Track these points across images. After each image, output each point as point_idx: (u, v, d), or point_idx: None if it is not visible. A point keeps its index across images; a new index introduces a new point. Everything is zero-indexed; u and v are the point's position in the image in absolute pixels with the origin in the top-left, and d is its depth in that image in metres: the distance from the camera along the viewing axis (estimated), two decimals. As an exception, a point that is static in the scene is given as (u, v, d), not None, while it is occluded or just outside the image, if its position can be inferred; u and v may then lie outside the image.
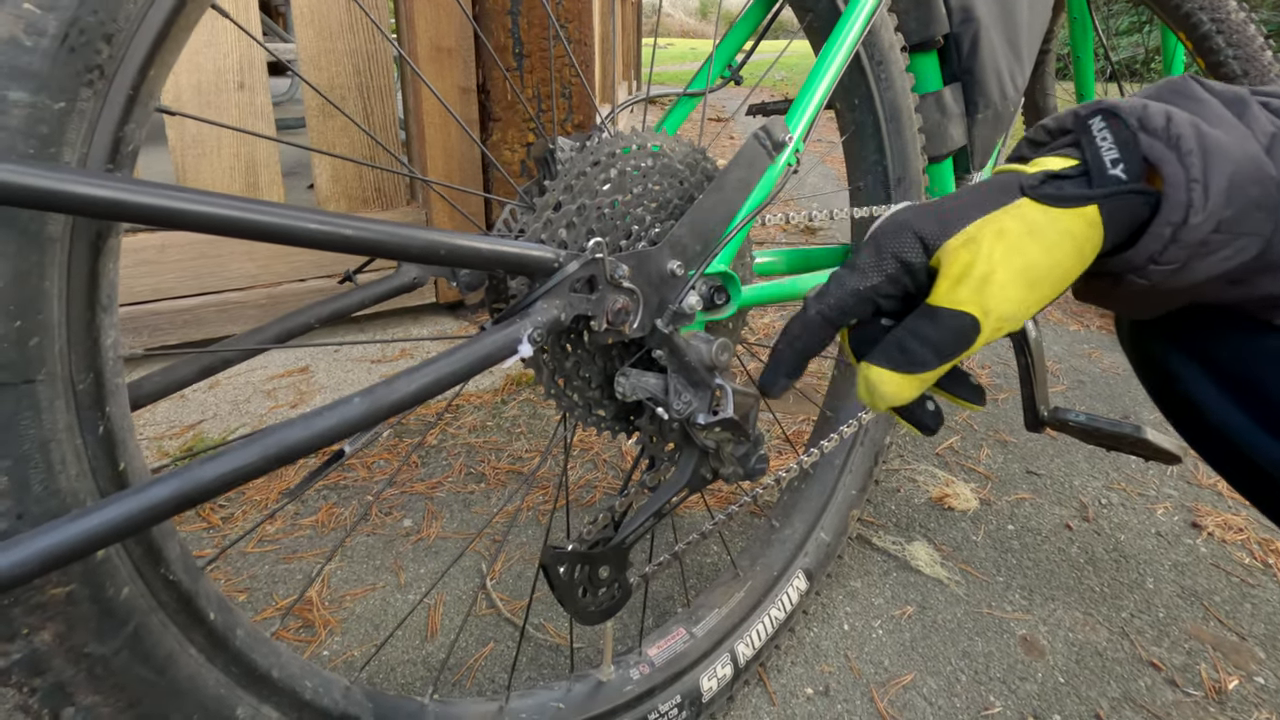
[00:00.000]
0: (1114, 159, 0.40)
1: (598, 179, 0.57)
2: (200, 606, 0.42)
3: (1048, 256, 0.40)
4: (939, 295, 0.40)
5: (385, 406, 0.39)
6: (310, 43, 1.46)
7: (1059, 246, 0.40)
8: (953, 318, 0.39)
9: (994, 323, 0.39)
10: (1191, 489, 1.18)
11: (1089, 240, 0.40)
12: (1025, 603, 0.94)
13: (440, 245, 0.41)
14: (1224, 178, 0.38)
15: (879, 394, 0.41)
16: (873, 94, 0.81)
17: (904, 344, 0.40)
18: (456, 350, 0.43)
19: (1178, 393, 0.55)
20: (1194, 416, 0.55)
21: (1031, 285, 0.40)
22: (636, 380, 0.57)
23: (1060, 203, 0.40)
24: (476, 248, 0.43)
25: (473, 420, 1.28)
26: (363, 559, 0.95)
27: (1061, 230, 0.40)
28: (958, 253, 0.40)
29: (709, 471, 0.61)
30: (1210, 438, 0.55)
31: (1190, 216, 0.38)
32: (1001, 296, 0.39)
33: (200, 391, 1.32)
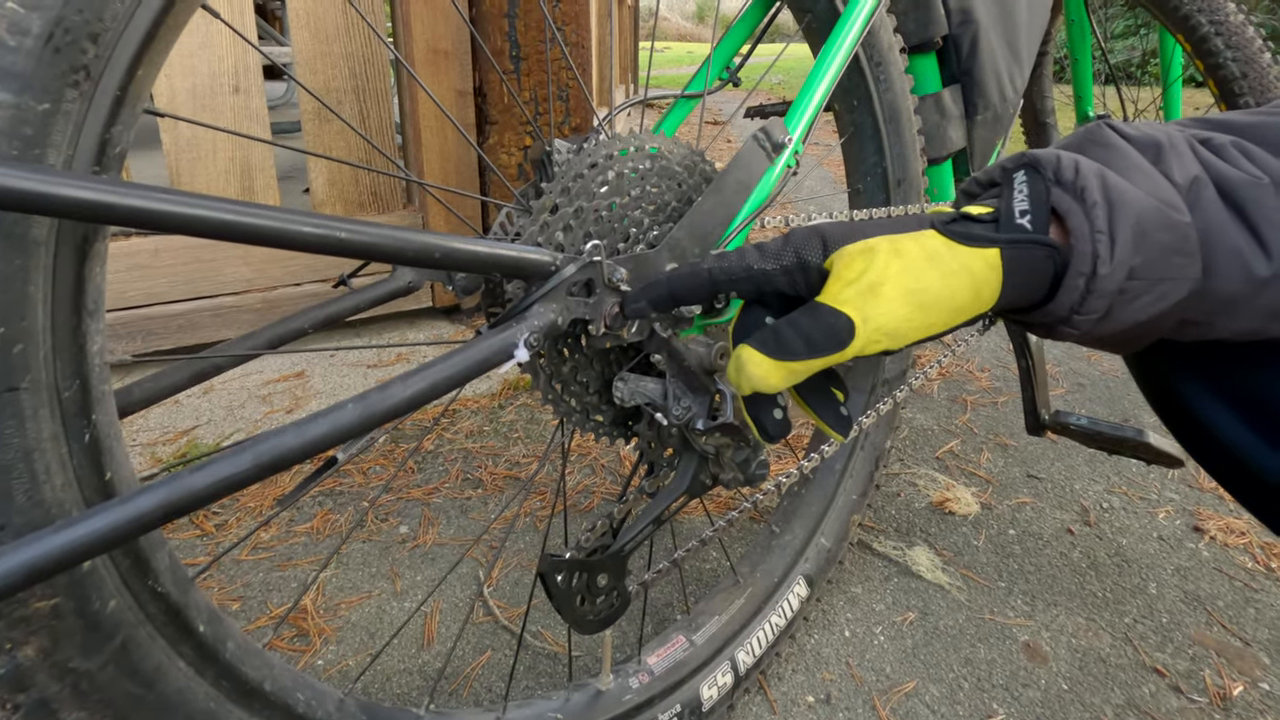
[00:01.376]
0: (1023, 209, 0.41)
1: (595, 181, 0.56)
2: (190, 618, 0.41)
3: (942, 284, 0.40)
4: (825, 293, 0.41)
5: (380, 413, 0.39)
6: (306, 46, 1.45)
7: (955, 277, 0.40)
8: (831, 315, 0.40)
9: (871, 333, 0.39)
10: (1193, 493, 1.17)
11: (987, 282, 0.40)
12: (1028, 608, 0.93)
13: (436, 248, 0.40)
14: (1128, 228, 0.38)
15: (745, 374, 0.41)
16: (872, 95, 0.80)
17: (780, 331, 0.41)
18: (452, 355, 0.42)
19: (1178, 402, 0.54)
20: (1198, 432, 0.54)
21: (919, 307, 0.40)
22: (635, 385, 0.56)
23: (964, 240, 0.41)
24: (473, 251, 0.42)
25: (469, 425, 1.27)
26: (358, 566, 0.94)
27: (960, 264, 0.40)
28: (853, 258, 0.41)
29: (708, 477, 0.60)
30: (1215, 453, 0.54)
31: (1099, 267, 0.38)
32: (885, 309, 0.39)
33: (194, 397, 1.31)
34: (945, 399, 1.44)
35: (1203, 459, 0.57)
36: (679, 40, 27.61)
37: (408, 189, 1.65)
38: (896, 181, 0.83)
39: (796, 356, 0.40)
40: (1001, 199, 0.42)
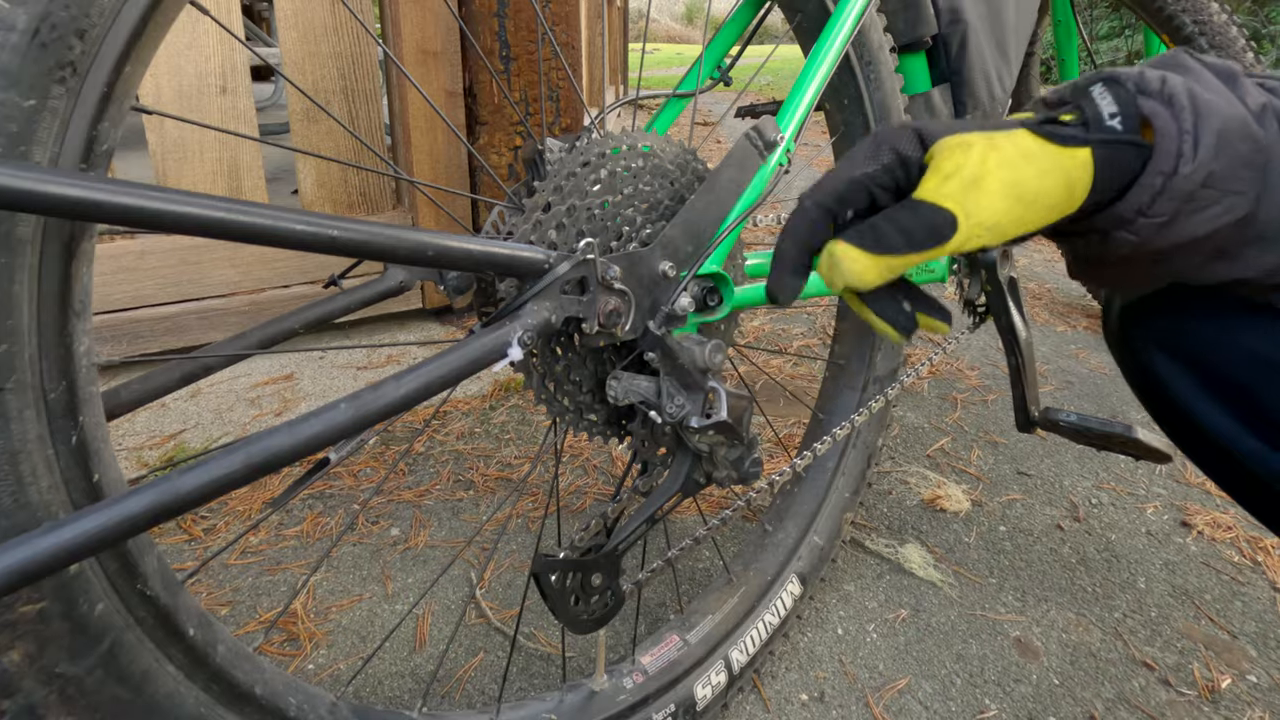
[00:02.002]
0: (1111, 113, 0.41)
1: (587, 180, 0.56)
2: (179, 622, 0.40)
3: (1038, 180, 0.40)
4: (925, 189, 0.40)
5: (372, 413, 0.38)
6: (294, 46, 1.44)
7: (1050, 174, 0.40)
8: (933, 211, 0.40)
9: (972, 228, 0.40)
10: (1180, 488, 1.18)
11: (1079, 180, 0.40)
12: (1019, 604, 0.93)
13: (428, 246, 0.40)
14: (1213, 133, 0.39)
15: (839, 270, 0.41)
16: (862, 94, 0.81)
17: (877, 226, 0.40)
18: (444, 354, 0.42)
19: (1165, 396, 0.55)
20: (1181, 419, 0.55)
21: (1018, 201, 0.40)
22: (628, 384, 0.56)
23: (1057, 139, 0.41)
24: (465, 249, 0.42)
25: (461, 427, 1.26)
26: (349, 569, 0.93)
27: (1054, 161, 0.41)
28: (952, 151, 0.41)
29: (702, 476, 0.60)
30: (1197, 440, 0.55)
31: (1180, 166, 0.39)
32: (986, 202, 0.40)
33: (182, 400, 1.29)
34: (935, 397, 1.45)
35: (1190, 451, 0.57)
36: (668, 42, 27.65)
37: (397, 189, 1.64)
38: (887, 180, 0.84)
39: (896, 251, 0.40)
40: (1085, 106, 0.42)
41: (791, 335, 1.74)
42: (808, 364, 1.57)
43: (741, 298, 0.62)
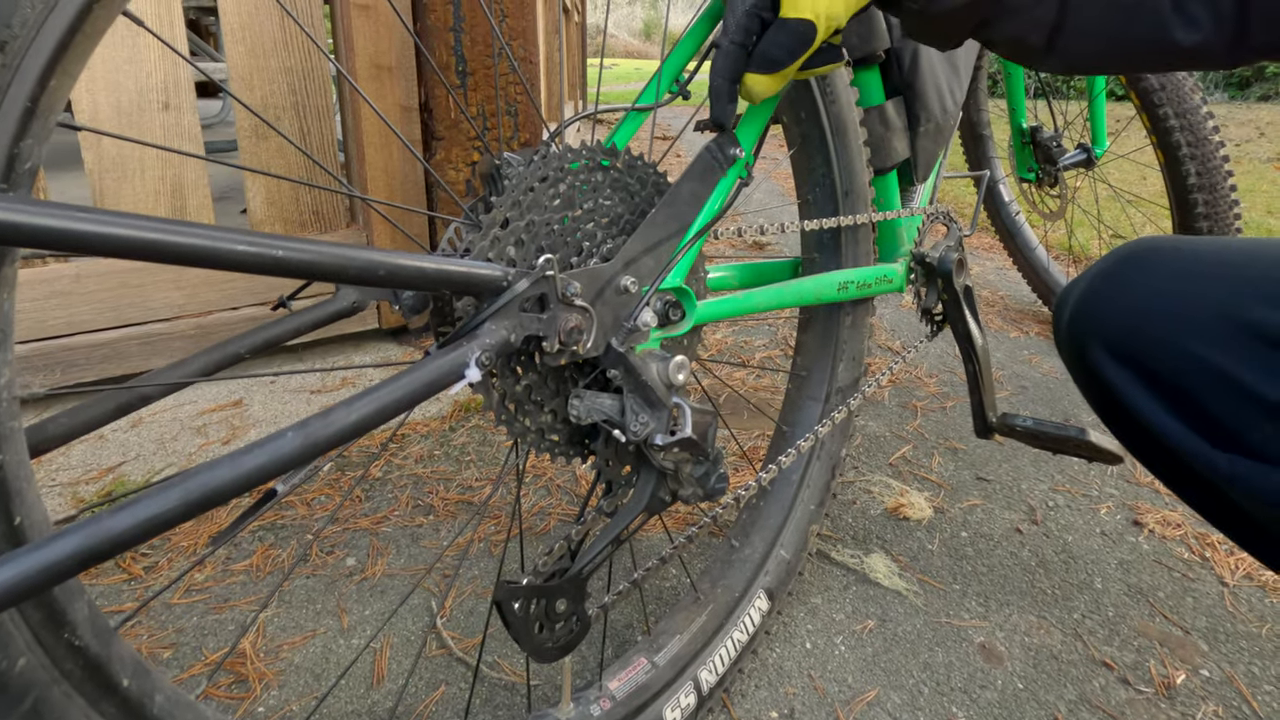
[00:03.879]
0: None
1: (546, 194, 0.55)
2: (112, 673, 0.38)
3: None
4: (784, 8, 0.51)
5: (322, 440, 0.36)
6: (241, 61, 1.40)
7: None
8: (797, 24, 0.51)
9: (824, 23, 0.51)
10: (1131, 488, 1.22)
11: None
12: (982, 609, 0.94)
13: (380, 265, 0.39)
14: None
15: (751, 93, 0.54)
16: (819, 107, 0.82)
17: (766, 51, 0.52)
18: (399, 377, 0.40)
19: (1113, 398, 0.56)
20: (1129, 420, 0.56)
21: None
22: (591, 402, 0.55)
23: None
24: (419, 267, 0.40)
25: (419, 450, 1.23)
26: (302, 604, 0.89)
27: None
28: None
29: (668, 493, 0.59)
30: (1148, 444, 0.56)
31: None
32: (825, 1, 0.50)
33: (121, 431, 1.23)
34: (896, 405, 1.47)
35: (1138, 451, 0.59)
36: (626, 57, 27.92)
37: (351, 208, 1.61)
38: (844, 192, 0.85)
39: (783, 65, 0.52)
40: None
41: (754, 348, 1.75)
42: (770, 376, 1.58)
43: (704, 312, 0.62)
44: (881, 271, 0.88)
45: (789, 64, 0.52)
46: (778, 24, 0.51)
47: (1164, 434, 0.52)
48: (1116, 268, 0.55)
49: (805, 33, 0.51)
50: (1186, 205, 1.27)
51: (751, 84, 0.53)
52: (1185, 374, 0.49)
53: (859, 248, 0.88)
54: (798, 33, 0.51)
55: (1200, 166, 1.29)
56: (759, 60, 0.52)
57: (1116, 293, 0.54)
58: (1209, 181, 1.29)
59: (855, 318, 0.91)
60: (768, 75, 0.53)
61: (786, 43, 0.51)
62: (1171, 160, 1.34)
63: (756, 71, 0.53)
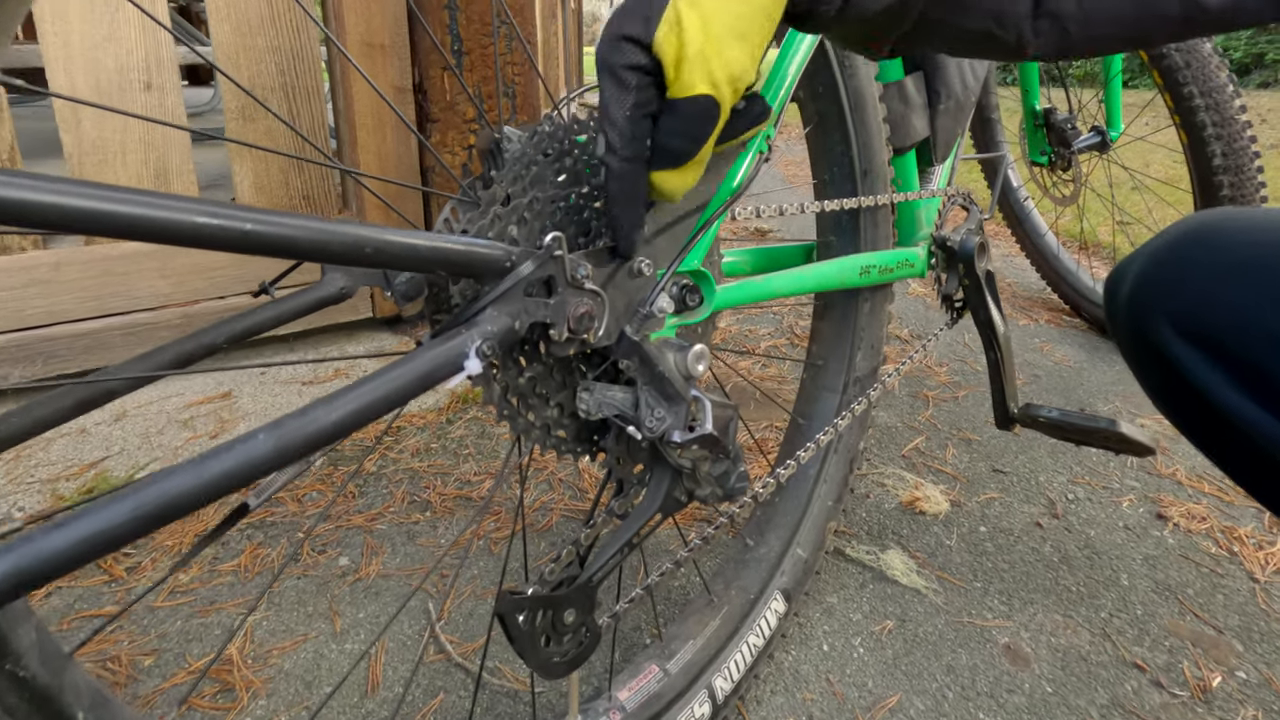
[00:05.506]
0: None
1: (551, 169, 0.50)
2: (64, 705, 0.33)
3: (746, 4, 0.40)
4: (671, 87, 0.41)
5: (299, 442, 0.32)
6: (227, 39, 1.34)
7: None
8: (690, 104, 0.41)
9: (727, 88, 0.40)
10: (1153, 479, 1.18)
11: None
12: (1005, 608, 0.90)
13: (366, 242, 0.34)
14: None
15: (666, 194, 0.44)
16: (837, 81, 0.77)
17: (666, 145, 0.42)
18: (389, 370, 0.35)
19: (1182, 384, 0.51)
20: (1200, 408, 0.51)
21: (743, 37, 0.40)
22: (602, 396, 0.50)
23: None
24: (411, 245, 0.36)
25: (415, 443, 1.18)
26: (292, 606, 0.85)
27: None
28: (667, 39, 0.40)
29: (684, 493, 0.54)
30: (1218, 430, 0.52)
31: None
32: (721, 62, 0.40)
33: (104, 425, 1.18)
34: (907, 395, 1.43)
35: (1204, 440, 0.54)
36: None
37: (344, 193, 1.55)
38: (863, 171, 0.80)
39: (692, 156, 0.42)
40: None
41: (758, 336, 1.70)
42: (776, 365, 1.54)
43: (723, 298, 0.57)
44: (903, 255, 0.83)
45: (698, 150, 0.42)
46: (668, 110, 0.41)
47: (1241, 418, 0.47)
48: (1181, 242, 0.51)
49: (707, 109, 0.41)
50: (1211, 188, 1.23)
51: (661, 183, 0.43)
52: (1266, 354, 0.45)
53: (878, 230, 0.84)
54: (696, 113, 0.41)
55: (1226, 147, 1.24)
56: (661, 157, 0.43)
57: (1185, 268, 0.49)
58: (1235, 163, 1.24)
59: (874, 304, 0.86)
60: (676, 170, 0.43)
61: (687, 128, 0.41)
62: (1195, 141, 1.29)
63: (662, 168, 0.43)
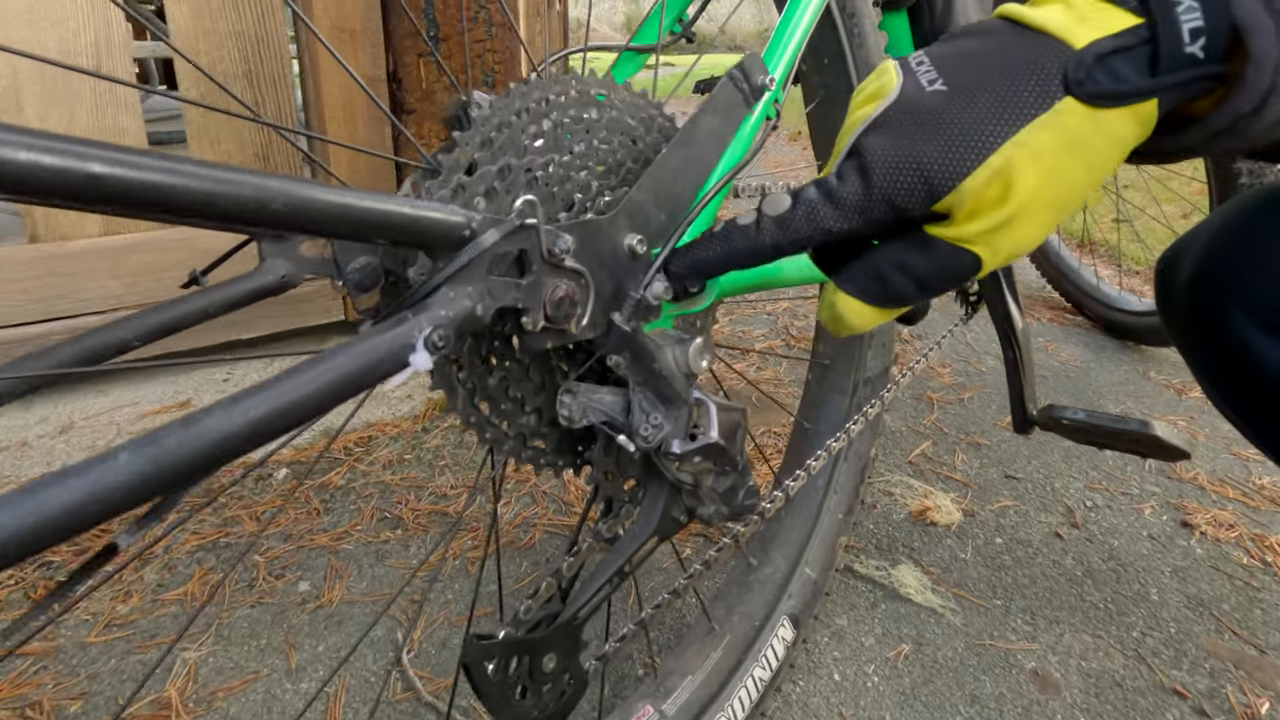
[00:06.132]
0: (1194, 28, 0.30)
1: (526, 132, 0.42)
2: None
3: (1088, 174, 0.33)
4: (943, 228, 0.33)
5: (180, 465, 0.23)
6: (185, 22, 1.25)
7: (1103, 159, 0.32)
8: (952, 256, 0.34)
9: (1002, 260, 0.34)
10: (1174, 484, 1.11)
11: (1137, 139, 0.33)
12: (1029, 629, 0.83)
13: (274, 196, 0.26)
14: None
15: (844, 324, 0.37)
16: (845, 52, 0.70)
17: (884, 275, 0.35)
18: (312, 365, 0.27)
19: (1261, 378, 0.44)
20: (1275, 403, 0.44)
21: (1060, 210, 0.33)
22: (587, 399, 0.42)
23: (1115, 101, 0.31)
24: (340, 204, 0.28)
25: (388, 454, 1.10)
26: (243, 639, 0.76)
27: (1111, 137, 0.32)
28: (980, 194, 0.32)
29: (683, 513, 0.47)
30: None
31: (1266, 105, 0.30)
32: (1022, 235, 0.33)
33: (48, 438, 1.09)
34: (910, 397, 1.36)
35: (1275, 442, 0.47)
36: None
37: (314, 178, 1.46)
38: (875, 152, 0.73)
39: (907, 302, 0.35)
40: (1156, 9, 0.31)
41: (753, 338, 1.63)
42: (772, 365, 1.46)
43: (728, 283, 0.49)
44: (918, 243, 0.76)
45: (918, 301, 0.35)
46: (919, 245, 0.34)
47: None
48: (1256, 219, 0.44)
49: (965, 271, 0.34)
50: (1229, 176, 1.17)
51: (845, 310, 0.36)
52: None
53: (890, 216, 0.76)
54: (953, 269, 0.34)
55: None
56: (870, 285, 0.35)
57: (1262, 249, 0.42)
58: (1252, 150, 1.18)
59: (885, 298, 0.79)
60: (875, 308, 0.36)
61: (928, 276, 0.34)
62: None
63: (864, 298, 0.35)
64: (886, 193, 0.33)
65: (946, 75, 0.34)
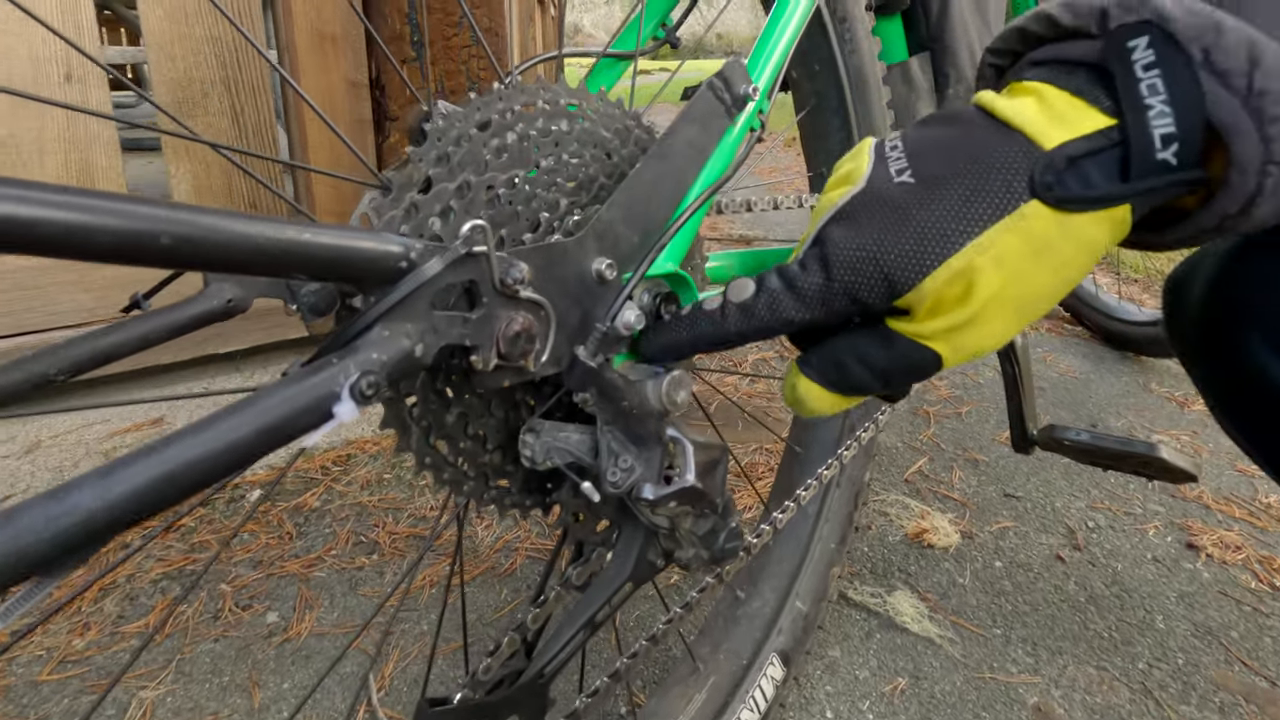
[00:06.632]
0: (1165, 134, 0.28)
1: (488, 146, 0.39)
2: None
3: (1054, 278, 0.31)
4: (904, 324, 0.33)
5: (38, 550, 0.20)
6: (159, 26, 1.22)
7: (1072, 264, 0.31)
8: (912, 351, 0.33)
9: (964, 358, 0.33)
10: (1178, 503, 1.08)
11: (1110, 242, 0.31)
12: (1031, 660, 0.79)
13: (161, 229, 0.22)
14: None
15: (804, 407, 0.36)
16: (836, 58, 0.66)
17: (844, 364, 0.34)
18: (211, 422, 0.24)
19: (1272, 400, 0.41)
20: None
21: (1022, 315, 0.32)
22: (551, 439, 0.38)
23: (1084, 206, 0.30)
24: (243, 234, 0.24)
25: (366, 473, 1.06)
26: (205, 675, 0.72)
27: (1080, 242, 0.30)
28: (940, 293, 0.31)
29: (660, 557, 0.43)
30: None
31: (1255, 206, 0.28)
32: (984, 335, 0.32)
33: (13, 459, 1.05)
34: (906, 412, 1.33)
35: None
36: (602, 58, 27.74)
37: (295, 193, 1.43)
38: (868, 163, 0.69)
39: (866, 392, 0.35)
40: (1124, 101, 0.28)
41: (744, 350, 1.59)
42: (765, 382, 1.43)
43: (707, 309, 0.46)
44: (913, 258, 0.72)
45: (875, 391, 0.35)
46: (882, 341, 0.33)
47: None
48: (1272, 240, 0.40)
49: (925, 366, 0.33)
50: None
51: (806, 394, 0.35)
52: None
53: (884, 230, 0.73)
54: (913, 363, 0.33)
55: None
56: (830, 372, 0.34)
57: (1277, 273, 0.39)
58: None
59: (880, 315, 0.75)
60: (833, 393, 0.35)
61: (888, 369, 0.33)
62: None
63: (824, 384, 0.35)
64: (847, 286, 0.32)
65: (915, 166, 0.33)
